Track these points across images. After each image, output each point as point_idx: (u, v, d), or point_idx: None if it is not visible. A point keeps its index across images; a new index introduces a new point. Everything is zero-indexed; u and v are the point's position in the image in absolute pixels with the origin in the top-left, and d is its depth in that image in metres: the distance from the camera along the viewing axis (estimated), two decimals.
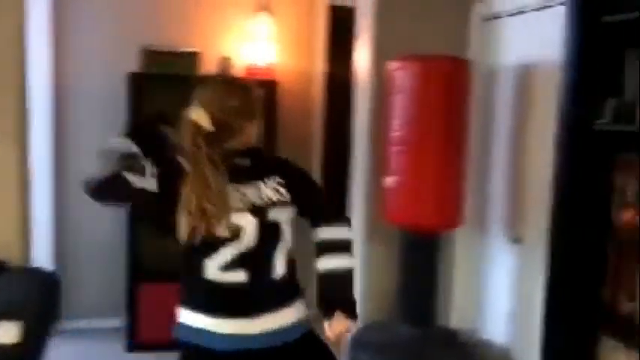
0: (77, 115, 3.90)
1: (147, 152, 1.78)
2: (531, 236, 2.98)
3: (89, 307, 3.97)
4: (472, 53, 3.35)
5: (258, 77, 4.03)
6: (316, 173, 4.39)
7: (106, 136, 3.77)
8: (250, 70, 4.04)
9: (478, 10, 3.35)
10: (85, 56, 3.88)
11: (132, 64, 3.80)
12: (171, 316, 3.65)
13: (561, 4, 2.51)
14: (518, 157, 3.13)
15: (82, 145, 3.92)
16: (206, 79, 1.99)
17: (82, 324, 3.93)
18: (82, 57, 3.88)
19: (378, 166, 3.21)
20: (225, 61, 3.91)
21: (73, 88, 3.88)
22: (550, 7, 2.82)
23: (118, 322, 3.86)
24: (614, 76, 2.29)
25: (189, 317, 1.83)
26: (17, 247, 2.84)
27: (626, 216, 2.27)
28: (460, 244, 3.49)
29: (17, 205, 2.83)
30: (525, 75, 3.07)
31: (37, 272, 2.78)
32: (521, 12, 3.06)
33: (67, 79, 3.86)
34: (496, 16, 3.25)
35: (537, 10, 2.94)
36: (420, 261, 3.14)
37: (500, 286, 3.25)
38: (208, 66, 3.95)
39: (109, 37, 3.89)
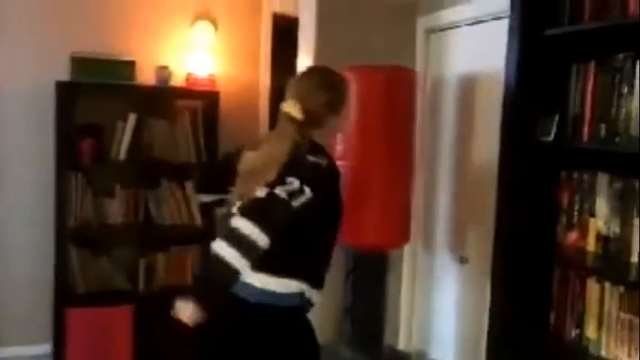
0: (2, 127, 3.64)
1: None
2: (477, 255, 2.87)
3: (15, 334, 3.69)
4: (418, 65, 3.25)
5: (199, 88, 3.86)
6: None
7: (32, 148, 3.61)
8: (190, 80, 3.86)
9: (422, 22, 3.25)
10: (11, 64, 3.63)
11: (62, 72, 3.58)
12: (101, 341, 3.49)
13: (505, 16, 2.42)
14: (463, 173, 3.03)
15: (6, 156, 3.66)
16: (304, 71, 2.26)
17: (8, 352, 3.66)
18: (7, 64, 3.62)
19: None
20: (163, 71, 3.72)
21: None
22: (493, 19, 2.74)
23: (45, 349, 3.61)
24: (559, 91, 2.21)
25: None
26: None
27: (572, 236, 2.18)
28: (407, 263, 3.38)
29: None
30: (469, 88, 2.99)
31: None
32: (465, 24, 2.98)
33: None
34: (441, 29, 3.16)
35: (481, 22, 2.86)
36: (366, 280, 3.01)
37: (448, 307, 3.14)
38: (145, 75, 3.75)
39: (37, 44, 3.65)
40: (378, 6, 3.21)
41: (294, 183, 1.86)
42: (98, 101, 3.66)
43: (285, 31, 3.89)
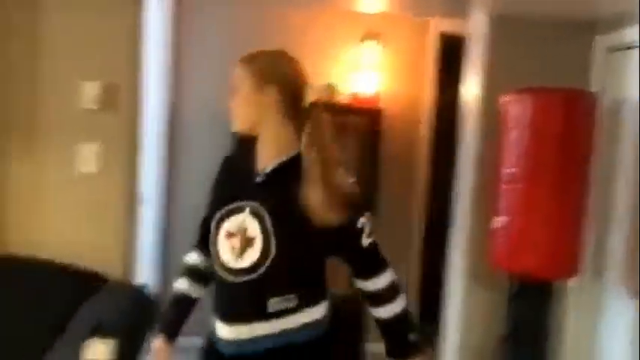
0: (189, 136, 4.00)
1: None
2: None
3: (201, 325, 3.99)
4: (594, 87, 3.09)
5: (363, 105, 3.97)
6: (420, 206, 4.25)
7: (216, 158, 3.92)
8: (356, 98, 3.99)
9: (602, 41, 3.08)
10: (196, 80, 3.99)
11: None
12: None
13: None
14: None
15: (192, 165, 4.01)
16: None
17: (196, 341, 3.96)
18: (194, 80, 3.99)
19: (485, 204, 3.01)
20: (329, 88, 3.88)
21: (186, 110, 3.99)
22: None
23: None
24: None
25: None
26: (120, 263, 2.93)
27: None
28: (573, 294, 3.20)
29: (123, 222, 2.92)
30: None
31: (134, 289, 2.79)
32: None
33: (180, 100, 3.98)
34: (623, 48, 2.97)
35: None
36: (529, 312, 2.89)
37: (618, 345, 2.93)
38: (315, 94, 3.92)
39: (222, 64, 3.95)
40: (553, 24, 3.09)
41: None
42: None
43: (450, 50, 3.89)
